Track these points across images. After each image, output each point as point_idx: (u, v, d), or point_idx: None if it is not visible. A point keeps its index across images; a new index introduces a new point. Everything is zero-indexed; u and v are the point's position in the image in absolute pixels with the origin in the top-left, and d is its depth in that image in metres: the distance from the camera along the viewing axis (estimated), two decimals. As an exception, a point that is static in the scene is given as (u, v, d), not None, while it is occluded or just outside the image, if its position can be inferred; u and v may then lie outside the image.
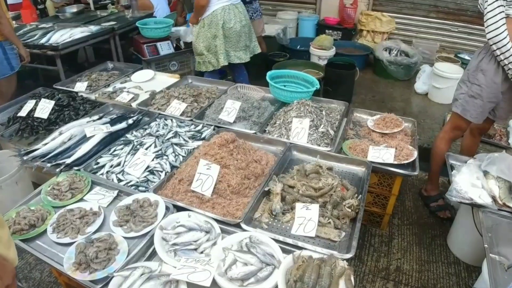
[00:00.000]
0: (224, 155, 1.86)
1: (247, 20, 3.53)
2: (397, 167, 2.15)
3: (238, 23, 3.36)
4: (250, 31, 3.59)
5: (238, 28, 3.36)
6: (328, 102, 2.82)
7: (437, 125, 3.98)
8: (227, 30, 3.36)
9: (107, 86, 3.12)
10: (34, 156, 2.15)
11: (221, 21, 3.31)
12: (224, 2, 3.31)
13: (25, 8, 4.67)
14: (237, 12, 3.38)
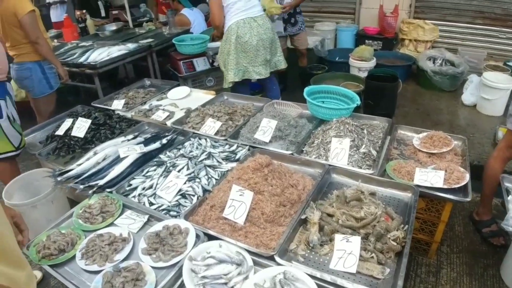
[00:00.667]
0: (258, 180, 1.75)
1: (268, 34, 3.37)
2: (447, 192, 1.96)
3: (254, 37, 3.23)
4: (272, 45, 3.44)
5: (254, 42, 3.24)
6: (370, 118, 2.66)
7: (487, 140, 3.69)
8: (242, 44, 3.27)
9: (143, 103, 3.12)
10: (68, 177, 2.14)
11: (234, 36, 3.22)
12: (240, 16, 3.22)
13: (66, 27, 4.84)
14: (255, 25, 3.25)
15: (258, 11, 3.35)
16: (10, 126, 2.78)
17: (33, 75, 3.31)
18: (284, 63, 3.66)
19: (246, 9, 3.26)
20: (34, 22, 3.09)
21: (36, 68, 3.30)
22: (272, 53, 3.46)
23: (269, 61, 3.44)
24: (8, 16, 3.05)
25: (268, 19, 3.44)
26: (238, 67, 3.39)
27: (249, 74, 3.41)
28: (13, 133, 2.82)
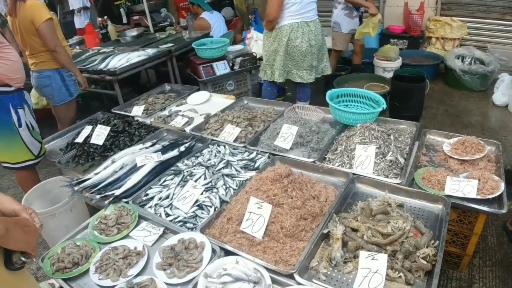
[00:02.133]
0: (277, 192, 1.67)
1: (318, 40, 3.35)
2: (480, 203, 1.81)
3: (305, 43, 3.20)
4: (320, 51, 3.41)
5: (304, 48, 3.20)
6: (396, 123, 2.52)
7: (522, 143, 3.49)
8: (291, 47, 3.24)
9: (163, 109, 3.08)
10: (85, 186, 2.11)
11: (286, 38, 3.19)
12: (295, 19, 3.18)
13: (88, 33, 4.88)
14: (307, 30, 3.22)
15: (313, 15, 3.33)
16: (29, 134, 2.79)
17: (53, 83, 3.32)
18: (330, 69, 3.64)
19: (302, 12, 3.24)
20: (52, 30, 3.09)
21: (56, 76, 3.31)
22: (319, 59, 3.45)
23: (315, 67, 3.43)
24: (26, 25, 3.07)
25: (320, 25, 3.43)
26: (284, 68, 3.39)
27: (292, 76, 3.42)
28: (33, 141, 2.83)
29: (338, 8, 4.47)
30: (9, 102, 2.63)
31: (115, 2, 5.52)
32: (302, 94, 3.63)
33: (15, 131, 2.71)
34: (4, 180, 4.20)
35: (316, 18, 3.33)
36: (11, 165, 2.82)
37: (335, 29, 4.56)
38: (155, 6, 5.61)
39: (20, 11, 3.04)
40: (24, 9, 3.01)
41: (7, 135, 2.70)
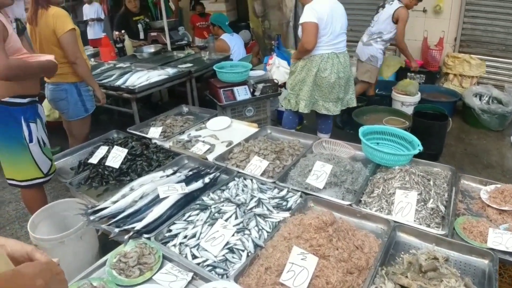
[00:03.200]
0: (322, 242, 1.51)
1: (346, 72, 3.28)
2: None
3: (334, 74, 3.11)
4: (347, 83, 3.34)
5: (332, 80, 3.11)
6: (428, 165, 2.38)
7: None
8: (319, 78, 3.15)
9: (181, 133, 2.94)
10: (102, 216, 1.94)
11: (315, 69, 3.10)
12: (325, 49, 3.11)
13: (104, 46, 4.78)
14: (337, 62, 3.14)
15: (343, 47, 3.30)
16: (40, 151, 2.64)
17: (69, 96, 3.19)
18: (354, 101, 3.59)
19: (333, 43, 3.20)
20: (74, 42, 2.97)
21: (73, 90, 3.18)
22: (346, 91, 3.36)
23: (341, 99, 3.33)
24: (47, 34, 2.95)
25: (348, 57, 3.39)
26: (311, 99, 3.31)
27: (318, 107, 3.33)
28: (43, 158, 2.68)
29: (379, 44, 4.53)
30: (21, 115, 2.48)
31: (134, 18, 5.44)
32: (325, 126, 3.53)
33: (25, 146, 2.57)
34: (5, 193, 4.03)
35: (345, 50, 3.26)
36: (18, 182, 2.67)
37: (372, 63, 4.59)
38: (174, 23, 5.55)
39: (42, 19, 2.92)
40: (46, 17, 2.90)
41: (16, 150, 2.56)
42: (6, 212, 3.68)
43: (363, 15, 5.80)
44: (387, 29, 4.39)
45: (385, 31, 4.41)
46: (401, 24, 4.28)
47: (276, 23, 6.49)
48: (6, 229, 3.41)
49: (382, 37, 4.43)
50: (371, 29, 4.53)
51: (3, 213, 3.66)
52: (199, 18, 7.28)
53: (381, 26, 4.41)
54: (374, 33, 4.48)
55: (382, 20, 4.38)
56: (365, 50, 4.56)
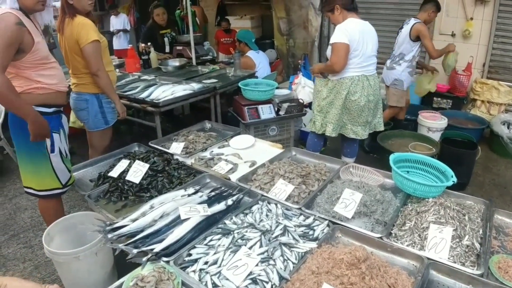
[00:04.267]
0: (354, 280, 1.41)
1: (376, 96, 3.20)
2: None
3: (364, 97, 3.03)
4: (376, 107, 3.25)
5: (362, 103, 3.02)
6: (461, 197, 2.25)
7: None
8: (349, 101, 3.06)
9: (204, 150, 2.88)
10: (120, 234, 1.87)
11: (345, 91, 3.01)
12: (355, 72, 3.02)
13: (129, 58, 4.80)
14: (367, 85, 3.05)
15: (373, 69, 3.22)
16: (60, 161, 2.62)
17: (90, 107, 3.16)
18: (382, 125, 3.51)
19: (364, 66, 3.12)
20: (97, 53, 2.94)
21: (94, 101, 3.15)
22: (374, 115, 3.25)
23: (369, 122, 3.23)
24: (71, 43, 2.94)
25: (378, 80, 3.31)
26: (339, 123, 3.22)
27: (346, 130, 3.23)
28: (63, 169, 2.65)
29: (402, 66, 4.41)
30: None
31: (161, 31, 5.48)
32: (350, 149, 3.42)
33: (46, 156, 2.54)
34: (22, 199, 4.02)
35: (375, 73, 3.17)
36: (36, 191, 2.63)
37: (397, 87, 4.48)
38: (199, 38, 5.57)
39: (68, 28, 2.92)
40: (72, 26, 2.89)
41: (36, 159, 2.53)
42: (21, 219, 3.66)
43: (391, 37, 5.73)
44: (407, 48, 4.32)
45: (405, 51, 4.34)
46: (424, 40, 4.18)
47: (301, 41, 6.46)
48: (20, 236, 3.38)
49: (404, 57, 4.36)
50: (394, 53, 4.50)
51: (18, 220, 3.64)
52: (224, 34, 7.31)
53: (401, 47, 4.36)
54: (396, 56, 4.43)
55: (402, 40, 4.34)
56: (389, 75, 4.50)
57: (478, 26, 5.26)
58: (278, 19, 6.62)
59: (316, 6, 6.08)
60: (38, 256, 3.09)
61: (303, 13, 6.29)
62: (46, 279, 2.83)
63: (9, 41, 2.18)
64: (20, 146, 2.50)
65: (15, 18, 2.19)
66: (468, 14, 5.26)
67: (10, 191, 4.18)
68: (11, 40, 2.18)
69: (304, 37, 6.43)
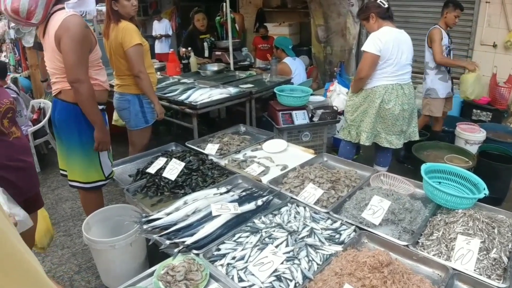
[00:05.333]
0: (376, 283, 1.44)
1: (411, 104, 3.19)
2: None
3: (398, 106, 3.02)
4: (411, 116, 3.24)
5: (396, 112, 3.02)
6: (493, 211, 2.21)
7: None
8: (383, 110, 3.07)
9: (237, 152, 2.97)
10: (155, 226, 1.98)
11: (379, 100, 3.02)
12: (389, 80, 3.03)
13: (170, 61, 4.98)
14: (401, 93, 3.05)
15: (407, 78, 3.22)
16: (106, 156, 2.78)
17: (131, 107, 3.34)
18: (417, 135, 3.48)
19: (398, 74, 3.13)
20: (139, 56, 3.11)
21: (135, 101, 3.32)
22: (409, 124, 3.25)
23: (404, 132, 3.22)
24: (116, 46, 3.12)
25: (413, 88, 3.30)
26: (373, 131, 3.23)
27: (380, 139, 3.24)
28: (107, 162, 2.81)
29: (431, 74, 4.32)
30: None
31: (200, 36, 5.66)
32: (383, 159, 3.41)
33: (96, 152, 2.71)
34: (64, 190, 4.26)
35: (410, 81, 3.16)
36: (82, 184, 2.79)
37: (431, 96, 4.41)
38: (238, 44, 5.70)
39: (112, 33, 3.11)
40: (116, 30, 3.08)
41: (87, 154, 2.70)
42: (62, 209, 3.89)
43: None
44: (428, 56, 4.32)
45: (428, 59, 4.34)
46: (433, 44, 4.17)
47: (338, 49, 6.47)
48: (60, 225, 3.59)
49: (428, 65, 4.35)
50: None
51: (59, 210, 3.86)
52: (261, 41, 7.42)
53: (425, 56, 4.36)
54: (424, 66, 4.43)
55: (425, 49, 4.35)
56: (423, 86, 4.50)
57: (520, 36, 5.10)
58: (316, 26, 6.66)
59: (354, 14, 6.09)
60: (76, 244, 3.28)
61: (341, 21, 6.31)
62: (83, 266, 3.01)
63: (86, 43, 2.40)
64: (73, 142, 2.66)
65: (82, 19, 2.38)
66: (510, 25, 5.10)
67: (53, 183, 4.45)
68: (87, 42, 2.40)
69: (341, 44, 6.44)
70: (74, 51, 2.33)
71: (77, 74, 2.38)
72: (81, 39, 2.35)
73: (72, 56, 2.34)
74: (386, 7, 3.17)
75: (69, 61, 2.35)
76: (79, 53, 2.36)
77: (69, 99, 2.54)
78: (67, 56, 2.34)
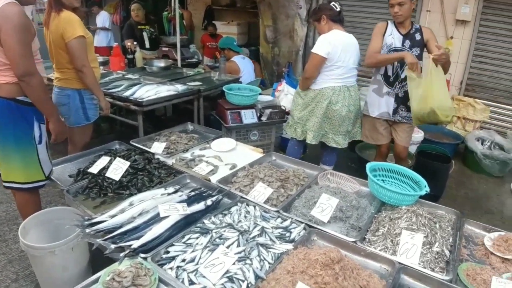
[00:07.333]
0: (328, 280, 1.45)
1: (356, 106, 3.31)
2: None
3: (345, 107, 3.11)
4: (356, 116, 3.34)
5: (343, 113, 3.11)
6: (433, 207, 2.34)
7: (541, 238, 3.31)
8: (330, 111, 3.14)
9: (185, 151, 2.90)
10: (98, 229, 1.87)
11: (326, 101, 3.09)
12: (337, 82, 3.10)
13: (115, 56, 4.78)
14: (348, 95, 3.14)
15: (353, 80, 3.29)
16: (46, 152, 2.62)
17: (71, 103, 3.15)
18: (360, 134, 3.54)
19: (345, 77, 3.19)
20: (82, 49, 2.94)
21: (75, 96, 3.14)
22: (354, 124, 3.33)
23: (349, 132, 3.30)
24: (56, 37, 2.93)
25: (358, 91, 3.36)
26: (320, 131, 3.28)
27: (327, 139, 3.30)
28: (47, 160, 2.64)
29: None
30: (33, 115, 2.46)
31: (139, 26, 5.52)
32: (329, 158, 3.50)
33: (34, 148, 2.54)
34: (-5, 191, 3.93)
35: (356, 84, 3.27)
36: (19, 185, 2.59)
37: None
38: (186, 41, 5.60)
39: (53, 22, 2.92)
40: (58, 21, 2.89)
41: (25, 151, 2.52)
42: (-5, 213, 3.59)
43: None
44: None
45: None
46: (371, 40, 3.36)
47: (286, 50, 6.56)
48: (-6, 230, 3.32)
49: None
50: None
51: (-8, 214, 3.57)
52: (209, 38, 7.35)
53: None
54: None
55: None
56: None
57: (457, 45, 5.45)
58: (265, 27, 6.72)
59: (302, 17, 6.20)
60: (12, 250, 3.04)
61: (289, 23, 6.40)
62: (20, 273, 2.79)
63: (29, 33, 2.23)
64: (8, 139, 2.45)
65: (21, 7, 2.20)
66: (449, 33, 5.44)
67: (-18, 185, 4.10)
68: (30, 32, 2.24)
69: (289, 46, 6.53)
70: (19, 43, 2.16)
71: (27, 66, 2.23)
72: (24, 29, 2.18)
73: (19, 48, 2.17)
74: (338, 10, 3.24)
75: (16, 54, 2.18)
76: (25, 44, 2.20)
77: (1, 93, 2.35)
78: (13, 48, 2.16)
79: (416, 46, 3.19)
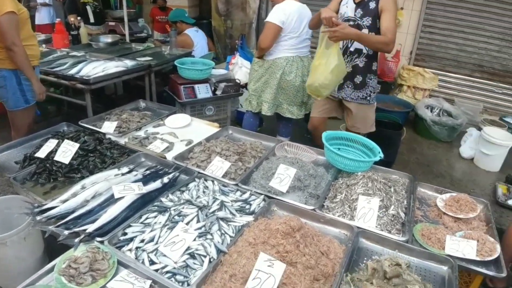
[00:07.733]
0: (290, 248, 1.46)
1: None
2: (478, 264, 1.75)
3: (299, 78, 3.09)
4: None
5: (297, 83, 3.09)
6: (387, 172, 2.42)
7: (487, 197, 3.54)
8: (284, 81, 3.12)
9: (138, 129, 2.79)
10: (50, 216, 1.78)
11: (280, 71, 3.06)
12: (290, 53, 3.07)
13: (58, 33, 4.48)
14: (301, 65, 3.12)
15: (307, 51, 3.28)
16: None
17: (8, 84, 2.94)
18: None
19: (299, 47, 3.16)
20: (11, 26, 2.72)
21: (12, 78, 2.93)
22: (309, 96, 3.30)
23: (305, 103, 3.28)
24: None
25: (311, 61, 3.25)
26: (274, 102, 3.27)
27: (282, 110, 3.29)
28: None
29: None
30: None
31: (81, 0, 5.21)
32: (285, 129, 3.52)
33: None
34: None
35: (309, 54, 3.26)
36: None
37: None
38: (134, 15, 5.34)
39: None
40: None
41: None
42: None
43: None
44: None
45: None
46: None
47: (238, 23, 6.44)
48: None
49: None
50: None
51: None
52: (159, 12, 7.04)
53: None
54: None
55: None
56: None
57: (407, 15, 5.55)
58: (217, -1, 6.54)
59: (254, -12, 6.08)
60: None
61: (241, -6, 6.27)
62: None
63: None
64: None
65: None
66: (399, 4, 5.53)
67: None
68: None
69: (241, 18, 6.42)
70: None
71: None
72: None
73: None
74: None
75: None
76: None
77: None
78: None
79: (368, 15, 2.78)
